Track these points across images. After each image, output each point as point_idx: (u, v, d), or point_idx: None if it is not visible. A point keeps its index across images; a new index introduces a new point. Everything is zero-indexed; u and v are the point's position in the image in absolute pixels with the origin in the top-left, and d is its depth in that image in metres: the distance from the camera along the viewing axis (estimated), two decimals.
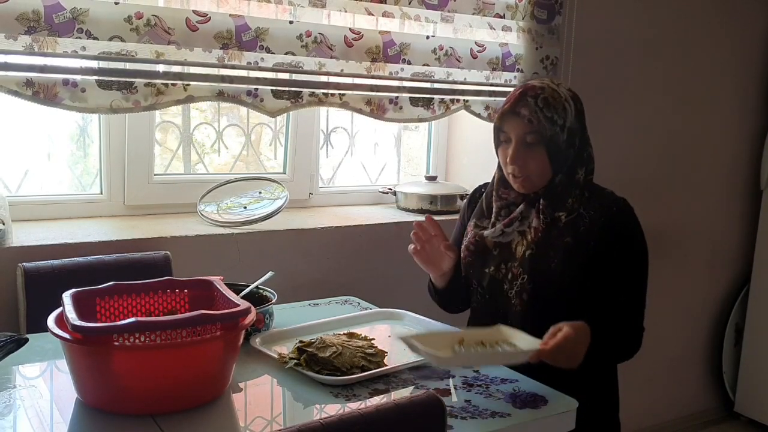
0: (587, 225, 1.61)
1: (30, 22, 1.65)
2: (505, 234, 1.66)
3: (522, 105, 1.59)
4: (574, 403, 1.34)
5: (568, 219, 1.62)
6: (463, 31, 2.33)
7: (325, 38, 2.04)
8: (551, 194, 1.63)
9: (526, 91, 1.60)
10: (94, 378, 1.21)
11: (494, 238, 1.68)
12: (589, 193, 1.65)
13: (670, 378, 3.23)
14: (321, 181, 2.53)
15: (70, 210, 2.09)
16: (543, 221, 1.62)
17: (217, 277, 1.50)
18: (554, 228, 1.62)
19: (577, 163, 1.64)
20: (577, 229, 1.60)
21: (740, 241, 3.33)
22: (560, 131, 1.58)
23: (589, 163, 1.67)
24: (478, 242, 1.71)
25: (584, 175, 1.65)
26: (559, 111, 1.58)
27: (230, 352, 1.29)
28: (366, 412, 1.06)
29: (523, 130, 1.59)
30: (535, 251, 1.62)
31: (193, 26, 1.85)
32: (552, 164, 1.60)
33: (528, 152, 1.60)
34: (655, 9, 2.79)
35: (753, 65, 3.19)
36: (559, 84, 1.64)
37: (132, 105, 1.83)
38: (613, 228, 1.60)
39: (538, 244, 1.62)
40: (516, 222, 1.66)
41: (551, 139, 1.58)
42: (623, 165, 2.84)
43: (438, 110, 2.32)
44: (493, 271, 1.68)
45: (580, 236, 1.60)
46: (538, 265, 1.61)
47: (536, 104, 1.57)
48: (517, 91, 1.62)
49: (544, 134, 1.57)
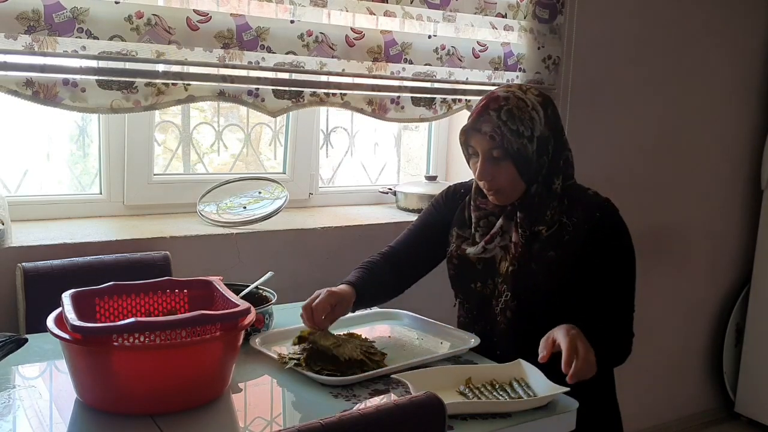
0: (571, 234, 1.56)
1: (30, 21, 1.65)
2: (487, 251, 1.62)
3: (483, 121, 1.54)
4: (574, 403, 1.33)
5: (549, 232, 1.57)
6: (464, 31, 2.33)
7: (326, 38, 2.04)
8: (528, 206, 1.58)
9: (488, 104, 1.54)
10: (94, 378, 1.21)
11: (477, 255, 1.63)
12: (570, 200, 1.59)
13: (671, 378, 3.23)
14: (321, 181, 2.53)
15: (70, 210, 2.09)
16: (522, 236, 1.57)
17: (217, 277, 1.49)
18: (536, 242, 1.57)
19: (552, 172, 1.57)
20: (560, 240, 1.56)
21: (741, 241, 3.33)
22: (528, 142, 1.52)
23: (567, 169, 1.61)
24: (461, 257, 1.67)
25: (562, 183, 1.59)
26: (525, 122, 1.52)
27: (230, 352, 1.29)
28: (366, 412, 1.06)
29: (488, 145, 1.53)
30: (517, 267, 1.58)
31: (194, 26, 1.84)
32: (522, 176, 1.55)
33: (495, 167, 1.54)
34: (656, 8, 2.78)
35: (753, 65, 3.19)
36: (527, 90, 1.58)
37: (132, 105, 1.83)
38: (598, 234, 1.56)
39: (519, 260, 1.58)
40: (497, 237, 1.61)
41: (518, 152, 1.52)
42: (623, 165, 2.84)
43: (440, 110, 2.32)
44: (480, 287, 1.65)
45: (564, 247, 1.56)
46: (521, 282, 1.57)
47: (499, 118, 1.51)
48: (480, 104, 1.57)
49: (510, 148, 1.52)
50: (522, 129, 1.52)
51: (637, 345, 1.66)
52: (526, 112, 1.53)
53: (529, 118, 1.53)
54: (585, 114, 2.66)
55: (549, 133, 1.56)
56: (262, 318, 1.58)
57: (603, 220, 1.57)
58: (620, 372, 1.71)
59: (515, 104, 1.53)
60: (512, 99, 1.54)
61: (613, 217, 1.59)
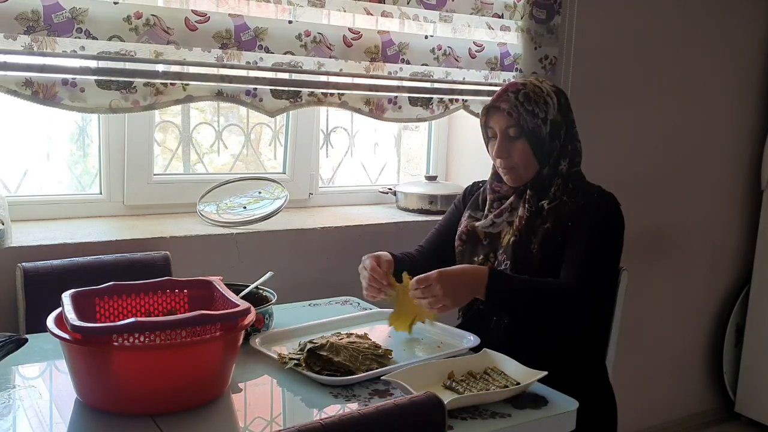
0: (568, 211, 1.67)
1: (29, 21, 1.65)
2: (495, 224, 1.75)
3: (503, 100, 1.70)
4: (574, 403, 1.33)
5: (550, 206, 1.69)
6: (461, 31, 2.33)
7: (324, 38, 2.04)
8: (537, 185, 1.72)
9: (508, 88, 1.72)
10: (94, 378, 1.21)
11: (484, 229, 1.76)
12: (575, 185, 1.71)
13: (671, 378, 3.23)
14: (321, 181, 2.53)
15: (70, 210, 2.09)
16: (528, 210, 1.70)
17: (217, 277, 1.49)
18: (538, 216, 1.69)
19: (560, 155, 1.71)
20: (558, 215, 1.67)
21: (741, 241, 3.33)
22: (542, 124, 1.68)
23: (575, 156, 1.74)
24: (469, 232, 1.79)
25: (567, 167, 1.71)
26: (540, 104, 1.68)
27: (230, 352, 1.29)
28: (366, 412, 1.06)
29: (505, 123, 1.69)
30: (518, 238, 1.69)
31: (192, 26, 1.84)
32: (536, 155, 1.69)
33: (511, 145, 1.70)
34: (655, 8, 2.78)
35: (753, 65, 3.19)
36: (542, 81, 1.75)
37: (131, 105, 1.83)
38: (589, 211, 1.66)
39: (521, 232, 1.69)
40: (506, 213, 1.74)
41: (533, 131, 1.68)
42: (623, 165, 2.84)
43: (437, 110, 2.32)
44: (482, 260, 1.76)
45: (559, 219, 1.66)
46: (519, 251, 1.68)
47: (517, 99, 1.68)
48: (500, 90, 1.74)
49: (525, 126, 1.67)
50: (537, 111, 1.68)
51: (638, 345, 1.66)
52: (542, 96, 1.70)
53: (543, 102, 1.69)
54: (584, 114, 2.64)
55: (561, 120, 1.71)
56: (262, 318, 1.58)
57: (600, 199, 1.69)
58: (620, 372, 1.72)
59: (531, 89, 1.70)
60: (529, 85, 1.72)
61: (609, 203, 1.69)
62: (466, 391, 1.32)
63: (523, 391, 1.34)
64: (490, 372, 1.40)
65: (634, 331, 2.85)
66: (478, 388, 1.33)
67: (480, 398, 1.29)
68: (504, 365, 1.42)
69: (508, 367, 1.41)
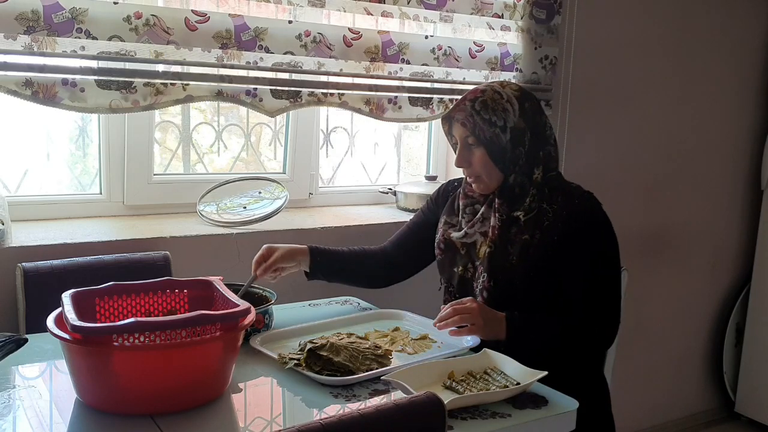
0: (551, 220, 1.64)
1: (29, 21, 1.65)
2: (468, 236, 1.72)
3: (459, 110, 1.67)
4: (574, 403, 1.33)
5: (528, 217, 1.65)
6: (461, 31, 2.33)
7: (324, 38, 2.04)
8: (507, 194, 1.67)
9: (467, 96, 1.67)
10: (94, 378, 1.21)
11: (460, 240, 1.74)
12: (551, 189, 1.67)
13: (671, 378, 3.23)
14: (321, 181, 2.53)
15: (70, 210, 2.09)
16: (499, 219, 1.66)
17: (217, 278, 1.49)
18: (514, 226, 1.66)
19: (531, 164, 1.66)
20: (539, 225, 1.64)
21: (741, 241, 3.33)
22: (501, 132, 1.63)
23: (549, 162, 1.69)
24: (447, 241, 1.78)
25: (542, 174, 1.67)
26: (498, 112, 1.63)
27: (230, 352, 1.29)
28: (366, 412, 1.05)
29: (462, 133, 1.67)
30: (493, 249, 1.66)
31: (192, 26, 1.84)
32: (496, 164, 1.65)
33: (469, 153, 1.67)
34: (655, 8, 2.79)
35: (753, 65, 3.19)
36: (506, 85, 1.69)
37: (131, 105, 1.83)
38: (578, 223, 1.62)
39: (495, 243, 1.66)
40: (478, 223, 1.71)
41: (490, 140, 1.63)
42: (623, 165, 2.84)
43: (437, 110, 2.32)
44: (462, 271, 1.74)
45: (543, 231, 1.63)
46: (496, 262, 1.66)
47: (473, 108, 1.64)
48: (462, 97, 1.70)
49: (482, 136, 1.63)
50: (494, 119, 1.63)
51: (638, 345, 1.67)
52: (500, 104, 1.64)
53: (502, 109, 1.63)
54: (584, 114, 2.66)
55: (525, 126, 1.65)
56: (262, 318, 1.58)
57: (582, 206, 1.64)
58: (621, 372, 1.72)
59: (490, 96, 1.65)
60: (488, 92, 1.66)
61: (593, 207, 1.66)
62: (466, 391, 1.32)
63: (523, 391, 1.34)
64: (490, 372, 1.40)
65: (634, 331, 2.86)
66: (478, 388, 1.33)
67: (480, 398, 1.29)
68: (504, 365, 1.42)
69: (508, 367, 1.41)
